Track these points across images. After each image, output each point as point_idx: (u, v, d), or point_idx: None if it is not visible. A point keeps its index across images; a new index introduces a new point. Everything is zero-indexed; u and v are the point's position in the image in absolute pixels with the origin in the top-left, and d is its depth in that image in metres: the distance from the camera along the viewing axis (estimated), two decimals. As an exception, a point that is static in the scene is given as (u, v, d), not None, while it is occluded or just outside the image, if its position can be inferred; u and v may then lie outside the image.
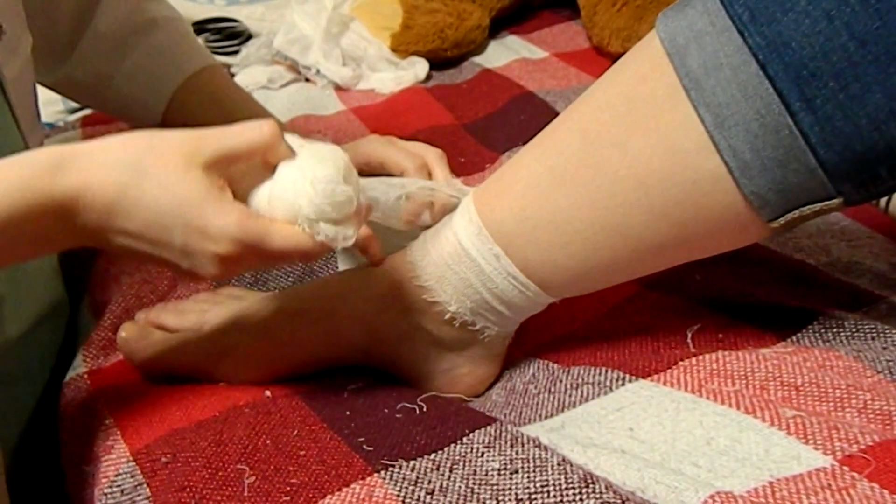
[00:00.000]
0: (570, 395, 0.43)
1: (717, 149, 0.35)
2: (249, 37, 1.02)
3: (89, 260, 0.61)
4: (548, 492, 0.34)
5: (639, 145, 0.37)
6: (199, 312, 0.49)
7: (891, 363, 0.40)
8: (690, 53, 0.36)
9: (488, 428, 0.39)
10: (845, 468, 0.33)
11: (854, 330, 0.43)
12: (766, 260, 0.52)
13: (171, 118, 0.64)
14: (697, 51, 0.35)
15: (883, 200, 0.56)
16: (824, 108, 0.33)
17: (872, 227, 0.56)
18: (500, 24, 1.07)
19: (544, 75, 0.90)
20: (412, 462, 0.37)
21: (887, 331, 0.43)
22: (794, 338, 0.43)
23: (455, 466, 0.36)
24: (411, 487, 0.35)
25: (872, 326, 0.43)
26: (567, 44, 1.00)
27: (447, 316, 0.44)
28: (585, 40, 1.00)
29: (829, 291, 0.49)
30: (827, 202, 0.35)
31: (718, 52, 0.35)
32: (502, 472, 0.36)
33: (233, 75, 0.98)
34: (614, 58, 0.93)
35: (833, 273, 0.51)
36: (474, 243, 0.43)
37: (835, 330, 0.43)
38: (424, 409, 0.42)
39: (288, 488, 0.36)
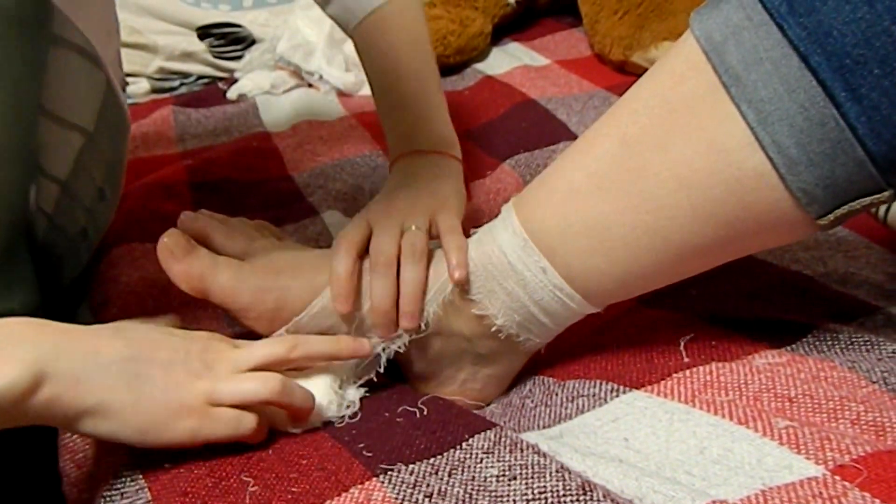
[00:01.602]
0: (565, 408, 0.44)
1: (760, 145, 0.34)
2: (253, 42, 1.03)
3: (89, 263, 0.61)
4: (545, 498, 0.34)
5: (680, 146, 0.37)
6: (248, 240, 0.48)
7: (885, 374, 0.40)
8: (728, 50, 0.35)
9: (488, 433, 0.39)
10: (837, 477, 0.33)
11: (849, 342, 0.43)
12: (763, 272, 0.52)
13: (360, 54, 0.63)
14: (736, 46, 0.34)
15: (882, 210, 0.56)
16: (870, 97, 0.32)
17: (870, 238, 0.56)
18: (503, 32, 1.07)
19: (546, 82, 0.91)
20: (411, 466, 0.37)
21: (882, 342, 0.43)
22: (789, 348, 0.43)
23: (454, 471, 0.37)
24: (410, 491, 0.35)
25: (867, 339, 0.43)
26: (569, 51, 1.00)
27: (493, 329, 0.44)
28: (587, 48, 1.00)
29: (826, 303, 0.49)
30: (877, 195, 0.34)
31: (758, 46, 0.34)
32: (500, 478, 0.36)
33: (235, 80, 0.98)
34: (616, 66, 0.94)
35: (830, 284, 0.51)
36: (520, 257, 0.42)
37: (829, 342, 0.43)
38: (425, 413, 0.42)
39: (289, 496, 0.36)
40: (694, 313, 0.48)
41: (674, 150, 0.37)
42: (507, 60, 0.99)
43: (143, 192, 0.70)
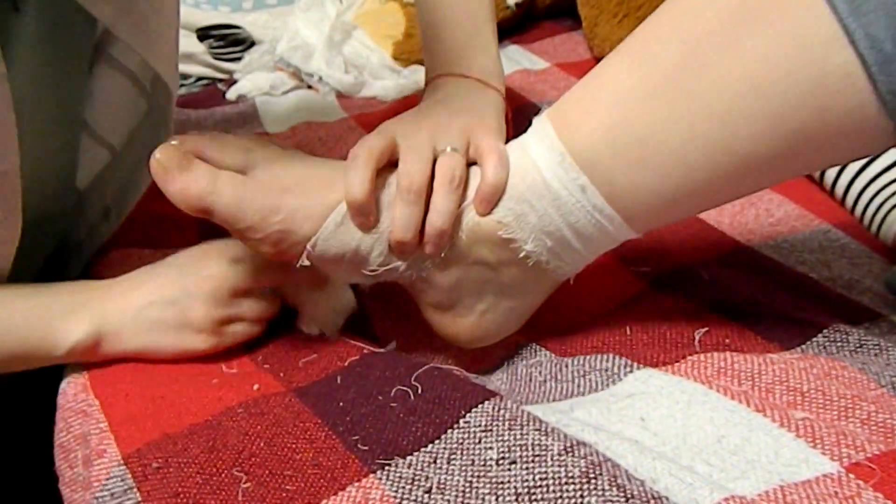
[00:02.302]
0: (577, 385, 0.42)
1: (850, 39, 0.30)
2: (253, 43, 1.02)
3: (85, 264, 0.61)
4: (547, 486, 0.33)
5: (753, 42, 0.33)
6: (245, 151, 0.42)
7: (894, 379, 0.40)
8: None
9: (486, 405, 0.38)
10: (851, 476, 0.32)
11: (858, 345, 0.43)
12: (771, 270, 0.52)
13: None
14: None
15: (874, 226, 0.56)
16: None
17: (871, 248, 0.56)
18: (502, 35, 1.06)
19: (545, 86, 0.90)
20: (409, 458, 0.36)
21: (890, 347, 0.42)
22: (800, 347, 0.43)
23: (453, 457, 0.36)
24: (408, 487, 0.35)
25: (876, 343, 0.43)
26: (568, 54, 1.00)
27: (521, 255, 0.40)
28: (587, 51, 1.00)
29: (832, 305, 0.48)
30: None
31: None
32: (500, 461, 0.35)
33: (235, 81, 0.98)
34: (616, 70, 0.94)
35: (835, 288, 0.50)
36: (557, 174, 0.38)
37: (839, 344, 0.43)
38: (419, 391, 0.40)
39: (284, 494, 0.36)
40: (705, 302, 0.47)
41: (745, 47, 0.33)
42: (506, 64, 0.98)
43: (143, 194, 0.69)
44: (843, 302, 0.49)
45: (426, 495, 0.34)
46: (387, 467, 0.36)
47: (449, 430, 0.37)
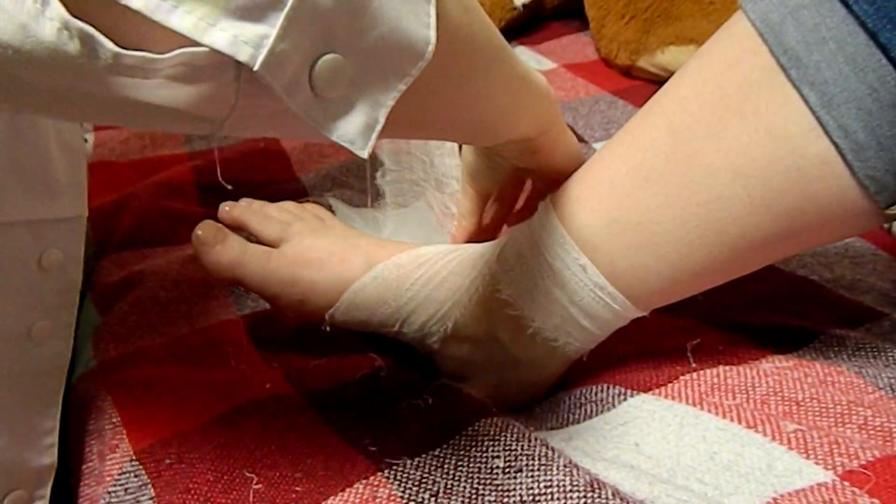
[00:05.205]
0: (573, 414, 0.43)
1: (824, 130, 0.33)
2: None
3: (90, 257, 0.61)
4: (552, 494, 0.34)
5: (734, 134, 0.35)
6: (283, 225, 0.48)
7: (892, 380, 0.40)
8: (787, 30, 0.33)
9: (495, 419, 0.38)
10: (846, 483, 0.33)
11: (856, 348, 0.43)
12: (769, 277, 0.52)
13: None
14: (795, 26, 0.33)
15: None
16: None
17: (876, 245, 0.56)
18: (510, 35, 1.07)
19: (552, 86, 0.90)
20: (416, 459, 0.36)
21: (888, 348, 0.43)
22: (796, 353, 0.43)
23: (460, 463, 0.36)
24: (415, 489, 0.35)
25: (874, 345, 0.43)
26: (575, 55, 1.00)
27: (529, 331, 0.42)
28: (594, 52, 1.00)
29: (833, 308, 0.48)
30: None
31: (820, 25, 0.32)
32: (507, 469, 0.35)
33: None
34: (622, 70, 0.94)
35: (836, 290, 0.51)
36: (558, 254, 0.40)
37: (836, 348, 0.43)
38: (430, 402, 0.41)
39: (293, 495, 0.36)
40: (700, 318, 0.48)
41: (728, 137, 0.35)
42: (514, 64, 0.99)
43: (152, 192, 0.70)
44: (844, 304, 0.49)
45: (433, 499, 0.35)
46: (395, 466, 0.36)
47: (457, 437, 0.38)
